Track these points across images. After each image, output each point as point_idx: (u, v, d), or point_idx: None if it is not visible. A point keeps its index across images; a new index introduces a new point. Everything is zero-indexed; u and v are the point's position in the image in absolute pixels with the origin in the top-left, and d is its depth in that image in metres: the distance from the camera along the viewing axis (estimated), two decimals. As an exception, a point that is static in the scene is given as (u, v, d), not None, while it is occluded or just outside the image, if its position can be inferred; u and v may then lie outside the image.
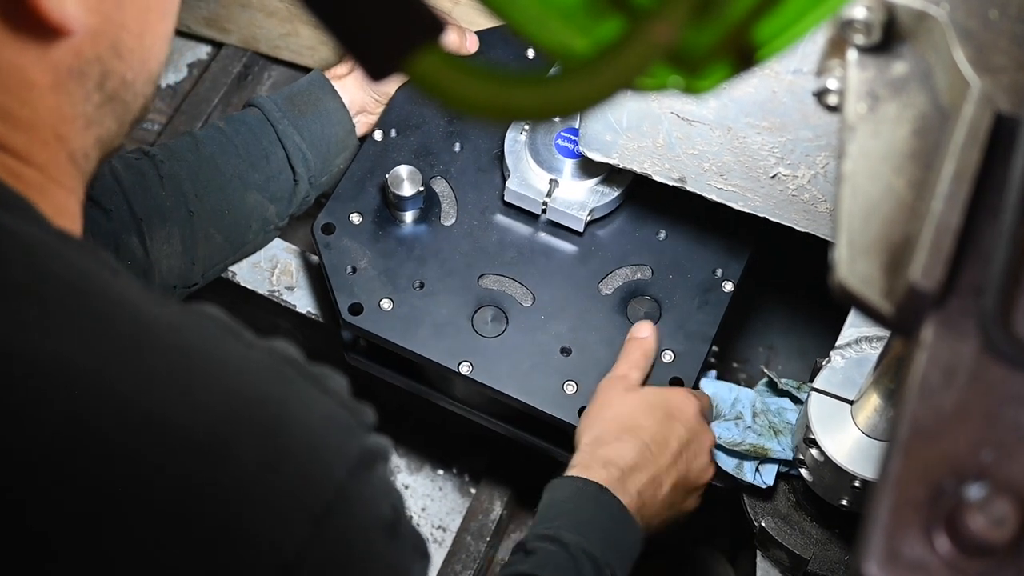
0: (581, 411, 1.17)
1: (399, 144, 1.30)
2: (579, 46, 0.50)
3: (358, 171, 1.28)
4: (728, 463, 1.13)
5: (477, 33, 1.34)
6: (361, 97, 1.31)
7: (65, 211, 0.72)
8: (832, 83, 0.67)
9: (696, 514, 1.16)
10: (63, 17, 0.68)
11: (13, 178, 0.69)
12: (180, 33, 1.62)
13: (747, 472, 1.13)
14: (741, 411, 1.15)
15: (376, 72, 0.49)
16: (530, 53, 1.36)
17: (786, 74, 1.05)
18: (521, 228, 1.27)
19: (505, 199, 1.27)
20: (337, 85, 1.30)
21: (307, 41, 1.55)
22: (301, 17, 1.51)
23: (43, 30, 0.68)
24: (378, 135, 1.30)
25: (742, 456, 1.13)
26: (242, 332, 0.66)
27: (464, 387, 1.25)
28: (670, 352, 1.20)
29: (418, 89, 0.48)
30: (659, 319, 1.22)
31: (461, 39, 1.32)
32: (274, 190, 1.26)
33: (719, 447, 1.13)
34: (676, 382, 1.19)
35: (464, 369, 1.18)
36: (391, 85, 1.33)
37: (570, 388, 1.19)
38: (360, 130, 1.32)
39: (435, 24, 0.47)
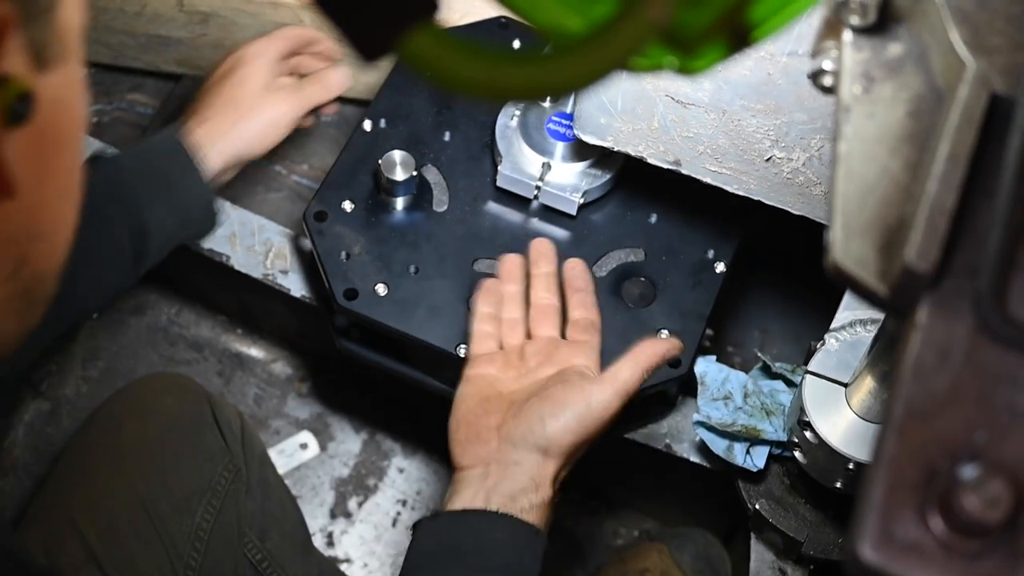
0: None
1: (388, 134, 1.30)
2: (573, 25, 0.50)
3: (349, 160, 1.28)
4: (719, 445, 1.13)
5: (461, 28, 1.32)
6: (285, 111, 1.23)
7: None
8: (827, 64, 0.67)
9: (692, 498, 1.16)
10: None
11: None
12: (149, 73, 1.60)
13: (737, 455, 1.13)
14: (731, 391, 1.15)
15: (370, 53, 0.49)
16: (515, 44, 1.35)
17: (781, 56, 1.05)
18: (514, 214, 1.27)
19: (498, 184, 1.27)
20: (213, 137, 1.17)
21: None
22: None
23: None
24: (367, 125, 1.30)
25: (733, 438, 1.13)
26: None
27: (459, 371, 1.25)
28: (666, 332, 1.20)
29: (410, 67, 0.47)
30: (654, 300, 1.22)
31: None
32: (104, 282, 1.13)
33: (709, 428, 1.13)
34: (673, 361, 1.19)
35: (462, 351, 1.18)
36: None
37: (566, 370, 1.19)
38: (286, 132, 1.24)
39: (430, 1, 0.46)
